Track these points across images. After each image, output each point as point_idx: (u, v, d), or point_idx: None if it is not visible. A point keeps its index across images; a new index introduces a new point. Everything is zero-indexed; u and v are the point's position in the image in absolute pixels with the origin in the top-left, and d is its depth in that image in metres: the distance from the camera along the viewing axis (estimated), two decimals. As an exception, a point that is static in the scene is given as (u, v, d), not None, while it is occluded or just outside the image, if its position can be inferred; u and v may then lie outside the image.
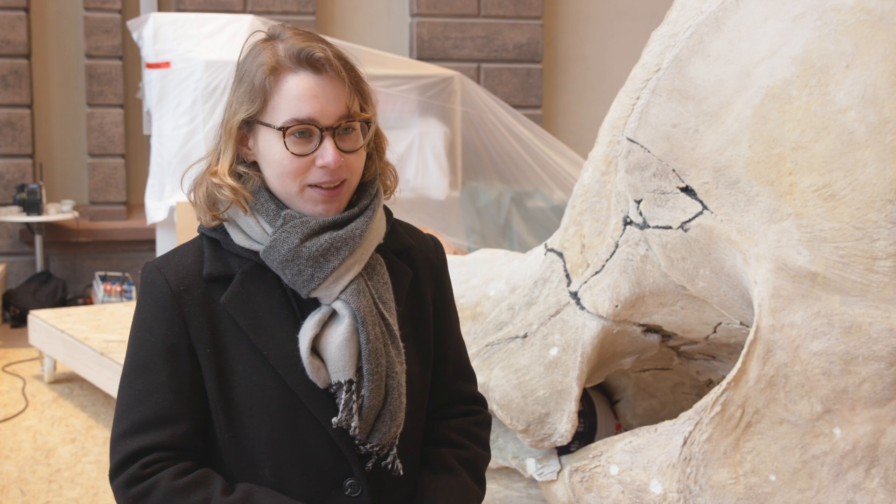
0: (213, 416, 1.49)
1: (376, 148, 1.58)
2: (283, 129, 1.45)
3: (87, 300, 6.67)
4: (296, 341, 1.48)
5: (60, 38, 7.05)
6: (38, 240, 6.67)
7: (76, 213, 6.73)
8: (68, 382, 5.10)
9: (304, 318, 1.49)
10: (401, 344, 1.54)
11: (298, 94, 1.45)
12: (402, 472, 1.54)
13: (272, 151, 1.47)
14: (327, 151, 1.45)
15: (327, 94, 1.46)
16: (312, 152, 1.45)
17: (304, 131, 1.45)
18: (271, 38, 1.50)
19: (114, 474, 1.46)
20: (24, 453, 4.17)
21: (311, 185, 1.47)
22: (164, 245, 5.91)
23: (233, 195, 1.47)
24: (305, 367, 1.46)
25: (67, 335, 4.68)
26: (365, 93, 1.51)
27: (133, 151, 7.21)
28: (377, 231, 1.54)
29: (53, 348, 4.89)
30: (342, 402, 1.47)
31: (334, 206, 1.50)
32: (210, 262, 1.51)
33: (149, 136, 6.32)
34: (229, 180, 1.48)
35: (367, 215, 1.52)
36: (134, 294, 6.38)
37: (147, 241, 6.73)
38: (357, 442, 1.50)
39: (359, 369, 1.48)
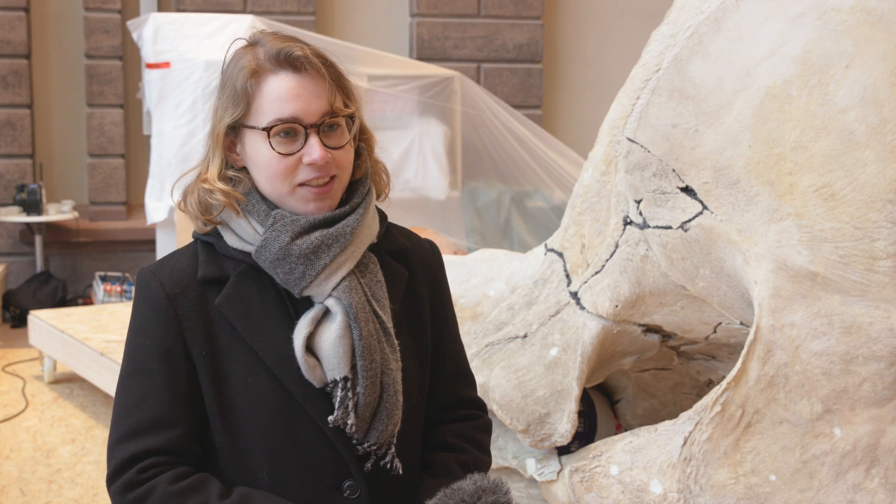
0: (209, 419, 1.49)
1: (366, 146, 1.58)
2: (268, 130, 1.46)
3: (87, 300, 6.66)
4: (291, 341, 1.48)
5: (60, 38, 7.04)
6: (38, 240, 6.66)
7: (76, 214, 6.73)
8: (68, 382, 5.10)
9: (299, 317, 1.49)
10: (395, 341, 1.53)
11: (280, 94, 1.46)
12: (401, 472, 1.54)
13: (259, 154, 1.48)
14: (313, 149, 1.46)
15: (309, 92, 1.47)
16: (298, 151, 1.46)
17: (288, 130, 1.46)
18: (252, 43, 1.51)
19: (111, 479, 1.46)
20: (24, 453, 4.17)
21: (301, 185, 1.48)
22: (164, 245, 5.91)
23: (224, 198, 1.48)
24: (301, 366, 1.46)
25: (67, 335, 4.68)
26: (347, 88, 1.52)
27: (133, 151, 7.21)
28: (369, 229, 1.55)
29: (53, 348, 4.89)
30: (338, 399, 1.47)
31: (326, 204, 1.50)
32: (204, 264, 1.51)
33: (149, 136, 6.32)
34: (219, 184, 1.49)
35: (358, 213, 1.52)
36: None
37: (147, 242, 6.73)
38: (354, 441, 1.50)
39: (353, 366, 1.48)
